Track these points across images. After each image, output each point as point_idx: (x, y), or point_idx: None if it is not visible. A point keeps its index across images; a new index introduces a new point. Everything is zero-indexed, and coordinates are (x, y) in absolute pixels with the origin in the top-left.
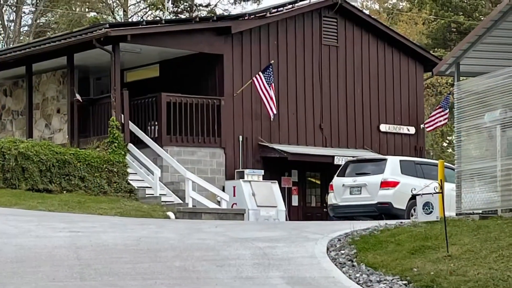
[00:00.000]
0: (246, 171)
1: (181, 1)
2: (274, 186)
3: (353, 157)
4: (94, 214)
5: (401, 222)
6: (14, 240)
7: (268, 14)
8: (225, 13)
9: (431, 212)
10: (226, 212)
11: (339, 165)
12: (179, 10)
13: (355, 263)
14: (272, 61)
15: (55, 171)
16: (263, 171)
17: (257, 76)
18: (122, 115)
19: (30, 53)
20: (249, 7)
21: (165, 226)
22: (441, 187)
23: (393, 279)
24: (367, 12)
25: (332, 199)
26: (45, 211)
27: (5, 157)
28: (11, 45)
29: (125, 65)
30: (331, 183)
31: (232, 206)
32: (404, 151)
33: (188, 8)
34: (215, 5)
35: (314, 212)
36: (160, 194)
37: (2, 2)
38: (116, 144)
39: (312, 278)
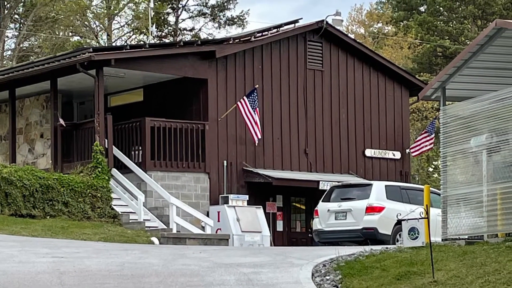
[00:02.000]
0: (231, 196)
1: (165, 26)
2: (259, 211)
3: (338, 182)
4: (77, 240)
5: (387, 248)
6: None
7: (252, 38)
8: (210, 38)
9: (417, 237)
10: (211, 238)
11: (324, 190)
12: (163, 34)
13: None
14: (257, 86)
15: (39, 196)
16: (247, 196)
17: (241, 100)
18: (106, 140)
19: (13, 77)
20: (234, 31)
21: (149, 252)
22: (427, 212)
23: None
24: (352, 36)
25: (317, 224)
26: (29, 236)
27: None
28: None
29: (109, 90)
30: (316, 208)
31: (216, 232)
32: (390, 176)
33: (172, 33)
34: (199, 29)
35: (299, 238)
36: (144, 220)
37: None
38: (99, 169)
39: None
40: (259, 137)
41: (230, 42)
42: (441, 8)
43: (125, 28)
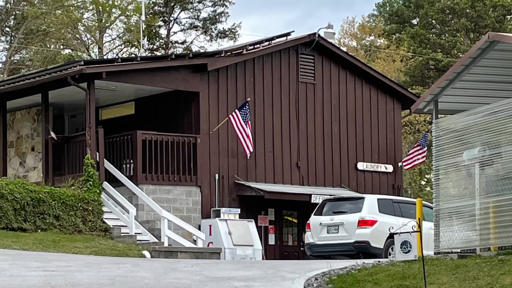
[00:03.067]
0: (222, 209)
1: (157, 38)
2: (251, 225)
3: (330, 195)
4: (69, 253)
5: (379, 261)
6: None
7: (244, 51)
8: (201, 50)
9: (409, 251)
10: (202, 251)
11: (316, 204)
12: (155, 47)
13: None
14: (249, 99)
15: (30, 209)
16: (239, 209)
17: (233, 113)
18: (97, 153)
19: (4, 90)
20: (225, 44)
21: (141, 265)
22: (419, 226)
23: None
24: (344, 49)
25: (309, 238)
26: (19, 250)
27: None
28: None
29: (100, 103)
30: (308, 221)
31: (208, 245)
32: (382, 190)
33: (164, 45)
34: (191, 42)
35: (291, 251)
36: (135, 233)
37: None
38: (91, 183)
39: None
40: (251, 150)
41: (222, 55)
42: (433, 21)
43: (116, 41)
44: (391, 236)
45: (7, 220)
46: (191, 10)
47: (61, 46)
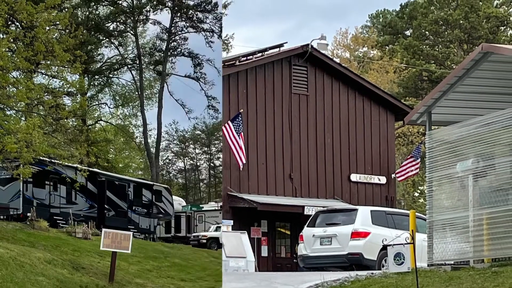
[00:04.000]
0: None
1: None
2: (243, 237)
3: (323, 207)
4: None
5: (372, 273)
6: None
7: (237, 63)
8: None
9: (403, 263)
10: None
11: (309, 215)
12: None
13: None
14: (241, 110)
15: None
16: (232, 221)
17: (226, 125)
18: None
19: None
20: None
21: None
22: (413, 238)
23: None
24: (337, 60)
25: (302, 249)
26: None
27: None
28: None
29: None
30: (301, 233)
31: None
32: (375, 201)
33: None
34: None
35: (284, 263)
36: None
37: None
38: None
39: None
40: (244, 161)
41: None
42: (426, 32)
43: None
44: (385, 248)
45: None
46: None
47: None
